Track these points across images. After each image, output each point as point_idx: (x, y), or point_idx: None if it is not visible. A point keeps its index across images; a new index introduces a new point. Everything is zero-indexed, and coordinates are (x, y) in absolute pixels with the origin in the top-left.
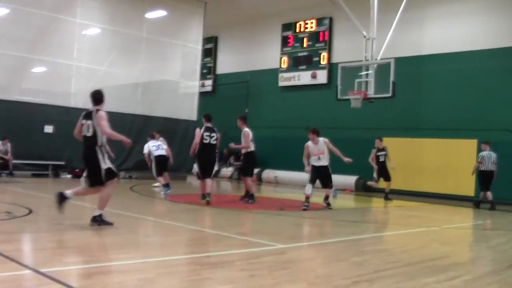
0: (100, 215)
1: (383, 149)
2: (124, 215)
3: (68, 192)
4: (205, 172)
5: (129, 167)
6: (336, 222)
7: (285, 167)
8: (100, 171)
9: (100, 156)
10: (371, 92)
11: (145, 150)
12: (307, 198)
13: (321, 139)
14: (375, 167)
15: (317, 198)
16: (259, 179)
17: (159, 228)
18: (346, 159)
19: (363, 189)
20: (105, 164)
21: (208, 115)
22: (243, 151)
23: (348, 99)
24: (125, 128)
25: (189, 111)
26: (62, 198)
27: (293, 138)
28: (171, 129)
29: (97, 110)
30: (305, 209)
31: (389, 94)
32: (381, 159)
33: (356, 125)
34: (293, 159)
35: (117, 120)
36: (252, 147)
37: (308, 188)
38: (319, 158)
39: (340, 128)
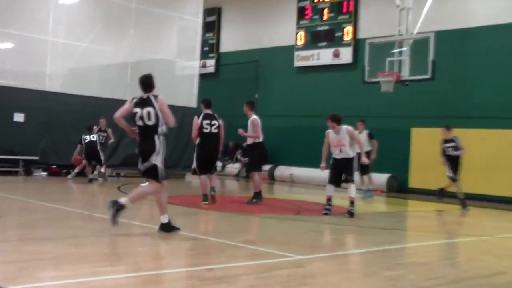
0: (121, 206)
1: (451, 140)
2: (109, 220)
3: (164, 217)
4: (207, 167)
5: (116, 163)
6: (364, 229)
7: (302, 163)
8: (147, 162)
9: (156, 148)
10: (405, 74)
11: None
12: (329, 199)
13: (344, 127)
14: (444, 162)
15: (342, 200)
16: (271, 178)
17: (150, 236)
18: (363, 159)
19: (397, 189)
20: (156, 159)
21: (207, 100)
22: (249, 141)
23: (378, 82)
24: (112, 116)
25: (187, 96)
26: (170, 228)
27: (311, 129)
28: None
29: (155, 96)
30: (326, 213)
31: (428, 76)
32: (449, 152)
33: (387, 113)
34: (311, 154)
35: (102, 106)
36: (261, 138)
37: (329, 189)
38: (340, 151)
39: (368, 117)
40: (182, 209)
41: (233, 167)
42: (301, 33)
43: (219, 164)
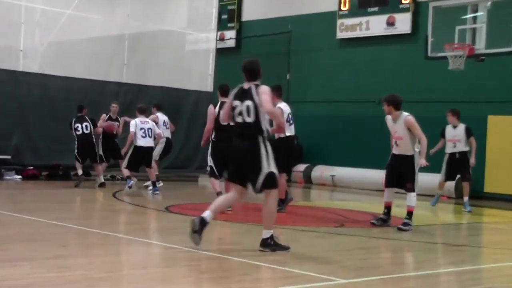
0: (272, 237)
1: None
2: (104, 235)
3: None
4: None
5: (111, 164)
6: (425, 245)
7: (346, 162)
8: (259, 174)
9: (263, 153)
10: (480, 46)
11: (132, 128)
12: (386, 207)
13: (403, 114)
14: None
15: (398, 208)
16: (308, 180)
17: (157, 255)
18: (421, 161)
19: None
20: (269, 166)
21: (225, 86)
22: (276, 136)
23: (445, 57)
24: (105, 103)
25: (201, 77)
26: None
27: (358, 118)
28: (174, 105)
29: (257, 85)
30: (373, 223)
31: (511, 48)
32: None
33: (457, 97)
34: (359, 150)
35: (93, 91)
36: (289, 131)
37: (386, 194)
38: (396, 144)
39: (431, 102)
40: None
41: None
42: None
43: None
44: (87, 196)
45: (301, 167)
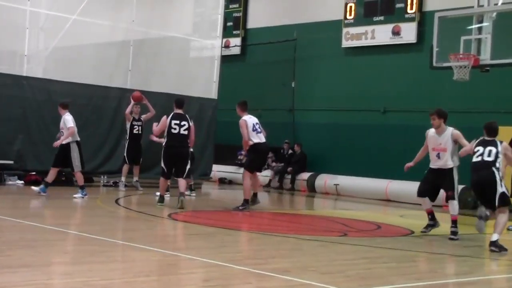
0: (497, 240)
1: None
2: (105, 241)
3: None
4: (177, 170)
5: (113, 170)
6: (430, 255)
7: (351, 171)
8: (496, 194)
9: (498, 179)
10: (486, 56)
11: (72, 124)
12: (429, 214)
13: (450, 128)
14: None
15: (401, 218)
16: (312, 189)
17: (158, 262)
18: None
19: (473, 205)
20: (501, 187)
21: (181, 100)
22: (251, 142)
23: (450, 68)
24: (109, 109)
25: (205, 84)
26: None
27: (363, 127)
28: None
29: (499, 141)
30: (425, 232)
31: None
32: None
33: (462, 108)
34: (363, 159)
35: (97, 97)
36: (258, 138)
37: (424, 202)
38: (438, 157)
39: None
40: (198, 228)
41: (263, 176)
42: (352, 4)
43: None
44: (89, 203)
45: (305, 175)
